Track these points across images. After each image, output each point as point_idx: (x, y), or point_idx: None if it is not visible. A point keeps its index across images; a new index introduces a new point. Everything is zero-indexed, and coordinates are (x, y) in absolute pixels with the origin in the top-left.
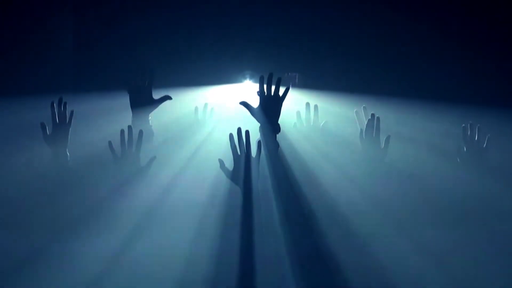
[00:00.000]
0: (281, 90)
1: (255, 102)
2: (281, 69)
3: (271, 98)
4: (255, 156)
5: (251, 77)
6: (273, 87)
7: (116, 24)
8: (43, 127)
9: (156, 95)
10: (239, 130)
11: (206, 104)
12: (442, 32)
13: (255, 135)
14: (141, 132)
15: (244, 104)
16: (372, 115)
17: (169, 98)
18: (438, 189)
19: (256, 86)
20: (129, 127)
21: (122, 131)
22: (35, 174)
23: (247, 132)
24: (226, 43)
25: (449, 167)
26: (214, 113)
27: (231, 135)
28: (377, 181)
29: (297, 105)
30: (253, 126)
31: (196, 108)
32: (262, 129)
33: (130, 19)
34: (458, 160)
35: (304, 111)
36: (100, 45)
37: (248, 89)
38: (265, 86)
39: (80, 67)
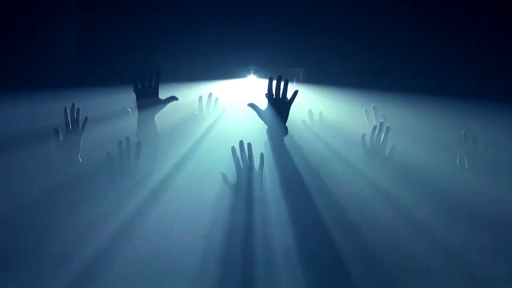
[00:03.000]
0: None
1: (263, 103)
2: (285, 64)
3: (280, 100)
4: (258, 169)
5: (255, 72)
6: (281, 89)
7: (119, 18)
8: (56, 133)
9: (161, 90)
10: (241, 143)
11: (210, 94)
12: (449, 27)
13: (258, 138)
14: (139, 143)
15: (252, 106)
16: (381, 123)
17: (175, 99)
18: (443, 190)
19: (260, 81)
20: (127, 138)
21: (120, 143)
22: (45, 178)
23: (249, 145)
24: (230, 38)
25: (454, 168)
26: (218, 103)
27: (233, 148)
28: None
29: (301, 101)
30: (255, 120)
31: (200, 98)
32: (270, 131)
33: (134, 14)
34: (461, 169)
35: (308, 118)
36: (104, 40)
37: (252, 84)
38: (273, 88)
39: (84, 62)
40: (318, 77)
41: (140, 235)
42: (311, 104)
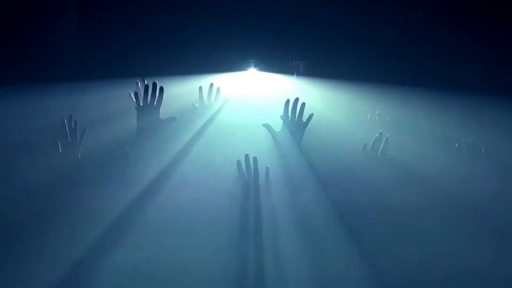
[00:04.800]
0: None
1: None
2: (286, 57)
3: (295, 123)
4: (264, 182)
5: (256, 65)
6: (297, 112)
7: (119, 12)
8: (55, 145)
9: (160, 83)
10: (246, 156)
11: (211, 84)
12: (450, 23)
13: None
14: (131, 155)
15: (267, 127)
16: (381, 133)
17: (175, 120)
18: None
19: (260, 74)
20: (126, 152)
21: (118, 156)
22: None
23: (254, 159)
24: (231, 30)
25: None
26: (220, 93)
27: (238, 162)
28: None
29: (302, 94)
30: (258, 112)
31: (200, 88)
32: (283, 152)
33: (135, 7)
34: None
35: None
36: (104, 34)
37: (252, 77)
38: (289, 111)
39: (84, 56)
40: (319, 70)
41: (141, 236)
42: (311, 97)
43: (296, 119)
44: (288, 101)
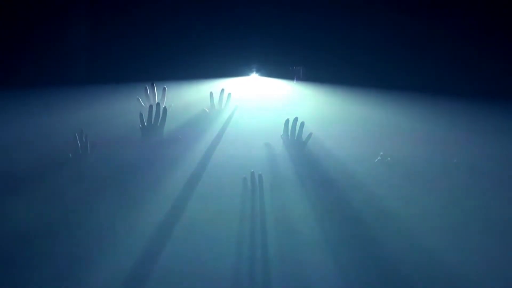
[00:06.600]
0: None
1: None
2: (287, 62)
3: (294, 142)
4: (268, 197)
5: (258, 70)
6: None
7: (127, 19)
8: (66, 157)
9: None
10: (252, 174)
11: (222, 90)
12: (449, 25)
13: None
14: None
15: (267, 146)
16: (382, 155)
17: (179, 140)
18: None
19: (262, 79)
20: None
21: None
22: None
23: (260, 176)
24: (232, 36)
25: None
26: (230, 99)
27: (244, 179)
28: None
29: (301, 99)
30: (264, 116)
31: (211, 94)
32: (283, 170)
33: (140, 14)
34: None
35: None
36: (112, 38)
37: (254, 82)
38: (289, 130)
39: (93, 61)
40: (318, 75)
41: (151, 242)
42: (311, 102)
43: (296, 137)
44: (287, 120)
